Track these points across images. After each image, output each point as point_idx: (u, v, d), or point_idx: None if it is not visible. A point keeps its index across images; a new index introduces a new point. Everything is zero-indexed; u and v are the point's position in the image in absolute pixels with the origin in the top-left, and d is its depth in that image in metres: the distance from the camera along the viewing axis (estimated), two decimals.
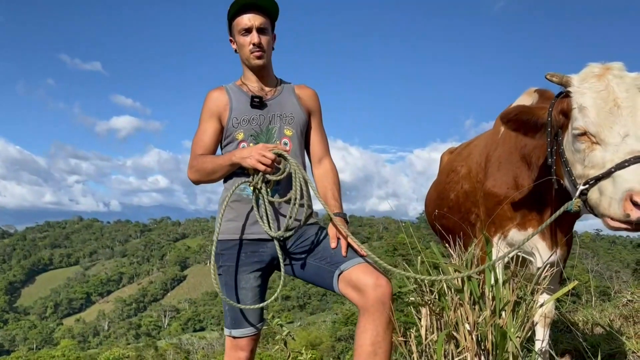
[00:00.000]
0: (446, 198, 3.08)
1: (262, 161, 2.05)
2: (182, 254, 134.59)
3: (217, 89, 2.35)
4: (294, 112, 2.31)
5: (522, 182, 2.38)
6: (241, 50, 2.28)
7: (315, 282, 2.21)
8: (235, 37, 2.28)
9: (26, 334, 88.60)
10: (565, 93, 1.95)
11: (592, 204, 1.78)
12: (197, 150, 2.29)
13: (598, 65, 1.89)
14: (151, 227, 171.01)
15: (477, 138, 3.22)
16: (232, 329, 2.25)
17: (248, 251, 2.23)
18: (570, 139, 1.91)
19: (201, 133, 2.30)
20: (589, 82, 1.85)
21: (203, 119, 2.31)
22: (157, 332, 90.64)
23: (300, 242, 2.22)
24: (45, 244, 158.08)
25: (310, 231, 2.25)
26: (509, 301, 1.89)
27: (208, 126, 2.30)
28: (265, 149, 2.08)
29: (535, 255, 2.41)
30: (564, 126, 1.97)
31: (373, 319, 1.95)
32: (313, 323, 48.85)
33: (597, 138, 1.78)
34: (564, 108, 1.94)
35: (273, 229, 2.16)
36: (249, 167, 2.10)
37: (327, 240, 2.19)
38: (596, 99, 1.81)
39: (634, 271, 25.02)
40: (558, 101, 1.98)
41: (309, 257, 2.19)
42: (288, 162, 2.13)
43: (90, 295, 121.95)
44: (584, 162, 1.82)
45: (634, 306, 3.71)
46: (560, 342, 3.16)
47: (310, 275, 2.21)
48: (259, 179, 2.13)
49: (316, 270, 2.17)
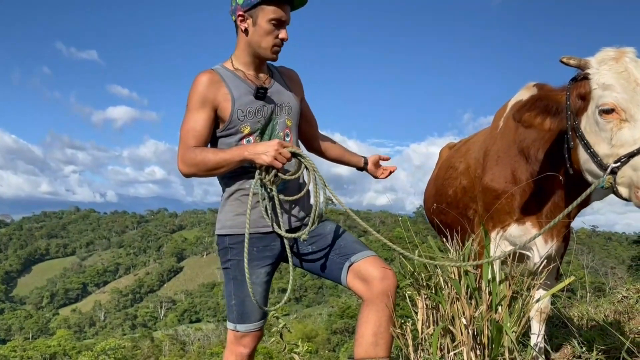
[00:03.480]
0: (444, 194, 3.08)
1: (278, 159, 1.98)
2: (179, 246, 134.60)
3: (207, 72, 2.12)
4: (290, 102, 2.25)
5: (520, 176, 2.38)
6: (261, 38, 2.08)
7: (323, 275, 2.21)
8: (259, 21, 2.06)
9: (22, 323, 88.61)
10: (582, 76, 1.97)
11: (625, 181, 1.82)
12: (189, 141, 2.08)
13: (613, 50, 1.93)
14: (148, 218, 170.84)
15: (476, 134, 3.21)
16: (238, 324, 2.22)
17: (260, 246, 2.19)
18: (592, 120, 1.92)
19: (193, 122, 2.09)
20: (608, 64, 1.88)
21: (194, 106, 2.09)
22: (153, 323, 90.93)
23: (310, 237, 2.20)
24: (42, 234, 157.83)
25: (319, 225, 2.24)
26: (505, 296, 1.90)
27: (201, 115, 2.08)
28: (281, 145, 2.00)
29: (532, 250, 2.41)
30: (581, 110, 1.98)
31: (377, 310, 1.97)
32: (309, 316, 49.09)
33: (627, 114, 1.81)
34: (581, 91, 1.96)
35: (283, 226, 2.14)
36: (264, 164, 2.00)
37: (335, 232, 2.21)
38: (619, 78, 1.84)
39: (628, 267, 25.12)
40: (575, 85, 2.00)
41: (319, 250, 2.20)
42: (305, 161, 2.10)
43: (86, 285, 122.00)
44: (612, 141, 1.84)
45: (629, 302, 3.73)
46: (555, 337, 3.18)
47: (318, 267, 2.21)
48: (271, 176, 2.07)
49: (325, 262, 2.18)
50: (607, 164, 1.84)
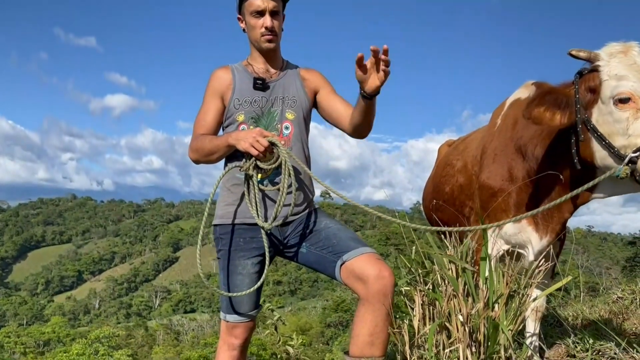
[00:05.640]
0: (442, 191, 3.08)
1: (255, 146, 2.01)
2: (175, 236, 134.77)
3: (222, 67, 2.30)
4: (296, 96, 2.27)
5: (517, 174, 2.38)
6: (251, 32, 2.22)
7: (317, 270, 2.21)
8: (246, 17, 2.21)
9: (17, 309, 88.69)
10: (590, 69, 1.98)
11: None
12: (198, 130, 2.24)
13: (619, 44, 1.96)
14: (145, 207, 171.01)
15: (474, 132, 3.21)
16: (227, 314, 2.25)
17: (247, 237, 2.21)
18: (605, 112, 1.92)
19: (203, 112, 2.26)
20: (618, 57, 1.91)
21: (206, 98, 2.27)
22: (148, 312, 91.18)
23: (301, 229, 2.21)
24: (38, 221, 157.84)
25: (311, 218, 2.24)
26: (502, 294, 1.89)
27: (211, 106, 2.25)
28: (261, 134, 2.04)
29: (528, 248, 2.41)
30: (591, 102, 1.98)
31: (373, 309, 1.96)
32: (303, 309, 49.25)
33: None
34: (591, 84, 1.97)
35: (261, 216, 2.14)
36: (243, 150, 2.07)
37: (330, 229, 2.19)
38: (630, 70, 1.88)
39: (623, 268, 25.28)
40: (583, 78, 2.01)
41: (311, 245, 2.19)
42: (280, 151, 2.09)
43: (81, 273, 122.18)
44: (628, 131, 1.86)
45: (624, 303, 3.75)
46: (550, 336, 3.19)
47: (311, 262, 2.21)
48: (250, 164, 2.10)
49: (318, 258, 2.17)
50: (625, 154, 1.85)
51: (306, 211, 2.26)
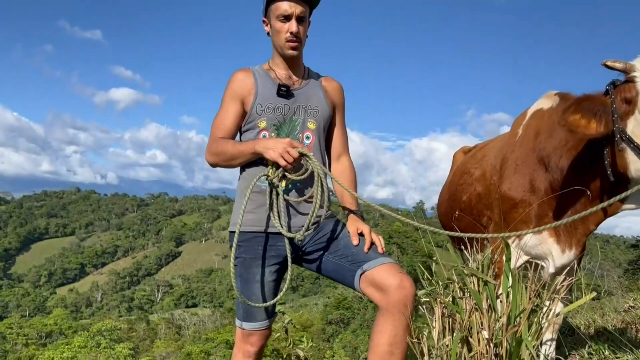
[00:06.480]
0: (458, 199, 3.06)
1: (284, 156, 2.00)
2: (178, 231, 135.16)
3: (243, 70, 2.26)
4: (319, 105, 2.25)
5: (539, 185, 2.36)
6: (276, 36, 2.17)
7: (335, 279, 2.19)
8: (271, 21, 2.17)
9: (19, 301, 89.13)
10: (626, 79, 1.98)
11: None
12: (217, 133, 2.21)
13: None
14: (148, 202, 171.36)
15: (492, 141, 3.19)
16: (244, 322, 2.24)
17: (267, 245, 2.20)
18: None
19: (223, 115, 2.22)
20: None
21: (226, 100, 2.22)
22: (150, 306, 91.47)
23: (319, 238, 2.19)
24: (42, 213, 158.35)
25: (329, 226, 2.21)
26: (525, 309, 1.89)
27: (230, 109, 2.21)
28: (291, 145, 2.03)
29: (548, 260, 2.40)
30: (626, 113, 1.98)
31: (393, 319, 1.94)
32: (305, 305, 49.30)
33: None
34: (627, 95, 1.97)
35: (284, 226, 2.12)
36: (271, 159, 2.05)
37: (348, 237, 2.17)
38: None
39: (625, 271, 25.13)
40: (618, 88, 2.00)
41: (329, 254, 2.17)
42: (312, 163, 2.08)
43: (84, 266, 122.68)
44: None
45: (636, 312, 3.73)
46: (563, 346, 3.18)
47: (329, 271, 2.19)
48: (278, 174, 2.09)
49: (336, 267, 2.15)
50: None
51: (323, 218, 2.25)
